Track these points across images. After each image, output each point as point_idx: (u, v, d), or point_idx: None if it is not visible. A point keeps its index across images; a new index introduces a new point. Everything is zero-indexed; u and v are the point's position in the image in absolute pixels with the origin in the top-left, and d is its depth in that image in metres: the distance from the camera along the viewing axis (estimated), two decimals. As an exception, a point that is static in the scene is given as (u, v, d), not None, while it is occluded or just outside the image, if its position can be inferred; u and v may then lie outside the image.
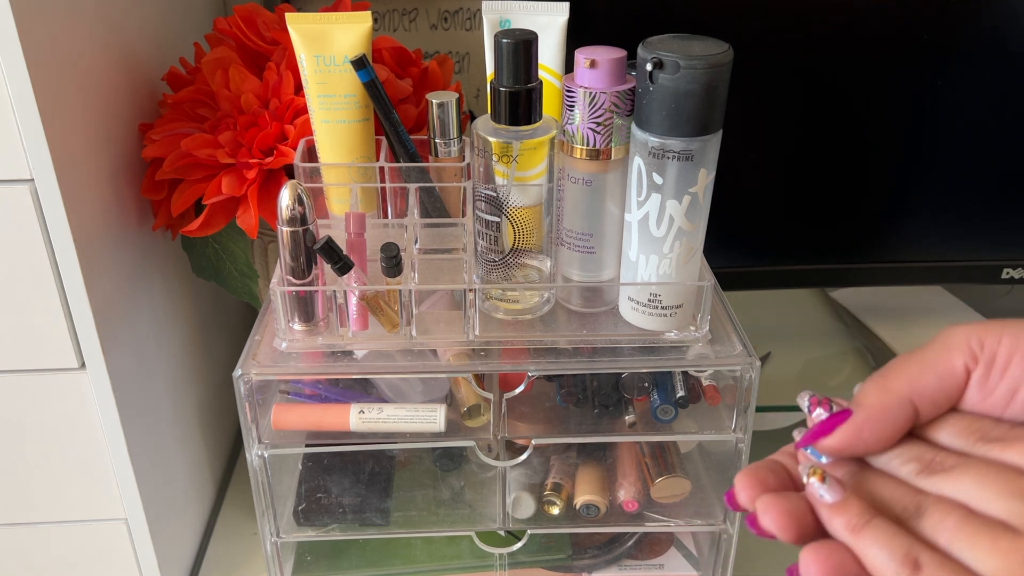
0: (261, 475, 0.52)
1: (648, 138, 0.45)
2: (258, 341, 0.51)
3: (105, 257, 0.51)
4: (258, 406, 0.51)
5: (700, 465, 0.61)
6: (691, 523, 0.58)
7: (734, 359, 0.50)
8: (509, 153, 0.46)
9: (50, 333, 0.49)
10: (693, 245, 0.48)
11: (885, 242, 0.75)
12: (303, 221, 0.47)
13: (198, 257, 0.63)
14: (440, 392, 0.54)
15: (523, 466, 0.57)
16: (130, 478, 0.55)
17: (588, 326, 0.52)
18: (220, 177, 0.54)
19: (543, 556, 0.62)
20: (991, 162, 0.70)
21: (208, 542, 0.70)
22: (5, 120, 0.43)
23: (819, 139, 0.69)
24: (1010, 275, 0.75)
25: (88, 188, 0.49)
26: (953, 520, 0.26)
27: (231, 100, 0.55)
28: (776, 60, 0.66)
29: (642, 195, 0.46)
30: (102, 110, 0.52)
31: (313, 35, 0.51)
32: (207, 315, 0.72)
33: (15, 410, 0.52)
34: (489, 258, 0.49)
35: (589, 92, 0.46)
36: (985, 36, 0.65)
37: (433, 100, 0.52)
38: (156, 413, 0.60)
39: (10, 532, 0.57)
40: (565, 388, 0.56)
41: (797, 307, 0.92)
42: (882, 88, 0.67)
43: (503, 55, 0.45)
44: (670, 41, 0.44)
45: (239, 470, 0.76)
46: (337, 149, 0.54)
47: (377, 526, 0.58)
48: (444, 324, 0.51)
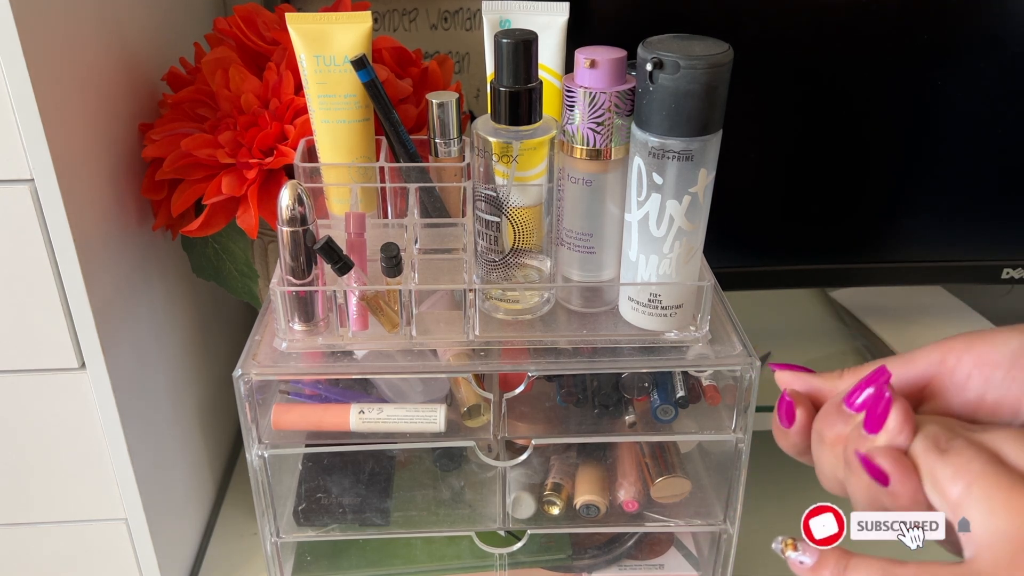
0: (261, 475, 0.52)
1: (648, 138, 0.45)
2: (258, 341, 0.51)
3: (105, 257, 0.51)
4: (258, 406, 0.51)
5: (700, 465, 0.60)
6: (691, 523, 0.58)
7: (734, 359, 0.50)
8: (509, 153, 0.46)
9: (50, 333, 0.49)
10: (693, 245, 0.48)
11: (885, 242, 0.75)
12: (303, 221, 0.47)
13: (198, 257, 0.63)
14: (440, 392, 0.54)
15: (523, 466, 0.57)
16: (130, 478, 0.55)
17: (588, 326, 0.52)
18: (220, 177, 0.54)
19: (543, 556, 0.62)
20: (991, 162, 0.70)
21: (208, 542, 0.70)
22: (5, 120, 0.43)
23: (819, 139, 0.69)
24: (1010, 275, 0.75)
25: (88, 188, 0.49)
26: (980, 464, 0.27)
27: (231, 100, 0.55)
28: (776, 60, 0.66)
29: (642, 195, 0.46)
30: (102, 110, 0.52)
31: (313, 35, 0.51)
32: (207, 315, 0.72)
33: (15, 410, 0.52)
34: (489, 258, 0.49)
35: (589, 92, 0.46)
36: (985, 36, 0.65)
37: (433, 100, 0.52)
38: (156, 413, 0.60)
39: (10, 532, 0.57)
40: (565, 388, 0.56)
41: (797, 307, 0.92)
42: (882, 88, 0.67)
43: (503, 55, 0.45)
44: (670, 41, 0.44)
45: (239, 470, 0.76)
46: (337, 149, 0.54)
47: (377, 526, 0.58)
48: (444, 324, 0.51)
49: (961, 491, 0.27)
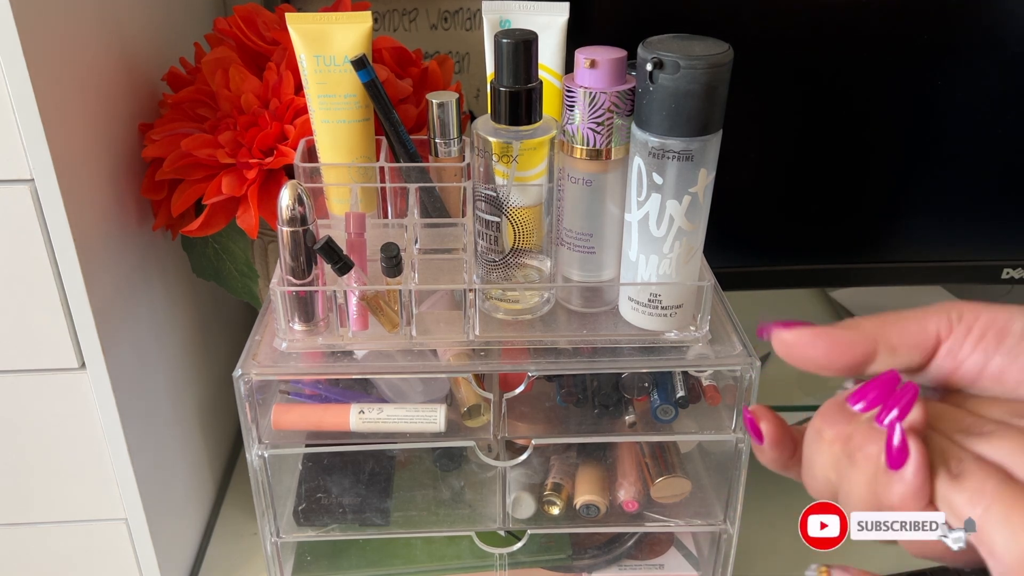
0: (261, 475, 0.52)
1: (648, 138, 0.45)
2: (258, 341, 0.51)
3: (105, 257, 0.51)
4: (258, 406, 0.51)
5: (700, 465, 0.60)
6: (691, 523, 0.58)
7: (734, 359, 0.50)
8: (509, 153, 0.46)
9: (50, 333, 0.49)
10: (693, 245, 0.48)
11: (885, 242, 0.74)
12: (303, 221, 0.47)
13: (198, 257, 0.63)
14: (440, 392, 0.54)
15: (523, 466, 0.57)
16: (130, 478, 0.55)
17: (588, 326, 0.52)
18: (220, 177, 0.54)
19: (543, 556, 0.62)
20: (991, 162, 0.70)
21: (208, 542, 0.70)
22: (5, 120, 0.43)
23: (819, 139, 0.69)
24: (1010, 275, 0.75)
25: (88, 188, 0.49)
26: (992, 484, 0.27)
27: (231, 100, 0.55)
28: (776, 60, 0.66)
29: (642, 195, 0.46)
30: (102, 110, 0.52)
31: (313, 35, 0.51)
32: (207, 315, 0.72)
33: (15, 410, 0.52)
34: (489, 258, 0.49)
35: (589, 92, 0.46)
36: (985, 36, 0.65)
37: (433, 100, 0.52)
38: (156, 413, 0.60)
39: (10, 532, 0.57)
40: (565, 388, 0.56)
41: (797, 307, 0.92)
42: (882, 87, 0.67)
43: (503, 55, 0.45)
44: (670, 41, 0.44)
45: (239, 470, 0.76)
46: (337, 149, 0.54)
47: (377, 526, 0.58)
48: (444, 324, 0.51)
49: (980, 516, 0.27)
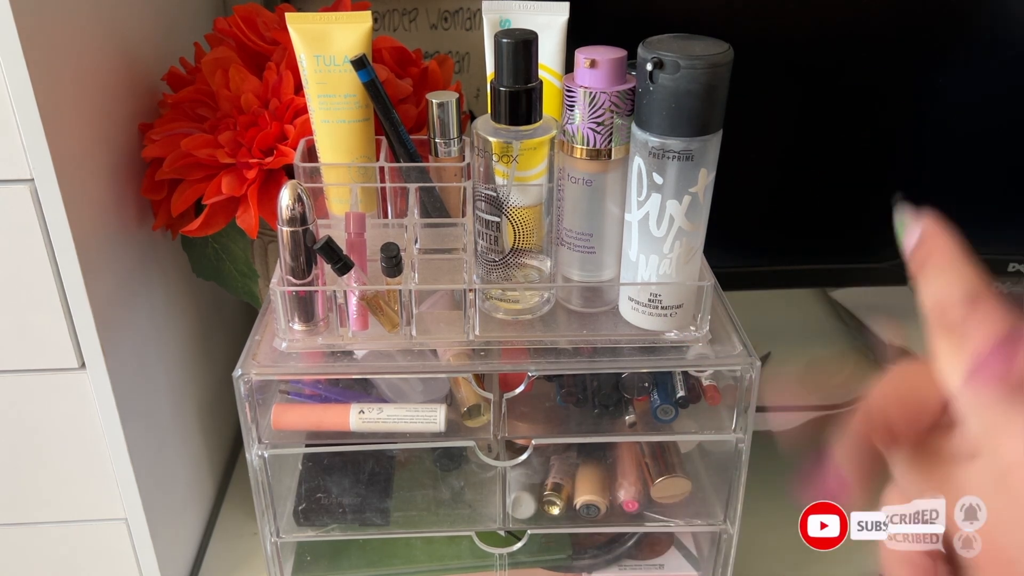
0: (261, 475, 0.52)
1: (648, 138, 0.45)
2: (258, 341, 0.51)
3: (105, 257, 0.51)
4: (258, 406, 0.51)
5: (700, 465, 0.60)
6: (691, 523, 0.58)
7: (734, 359, 0.50)
8: (509, 153, 0.46)
9: (50, 333, 0.49)
10: (693, 245, 0.48)
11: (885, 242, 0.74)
12: (303, 221, 0.47)
13: (198, 257, 0.63)
14: (440, 392, 0.54)
15: (523, 466, 0.57)
16: (130, 478, 0.55)
17: (588, 326, 0.52)
18: (220, 177, 0.54)
19: (543, 556, 0.62)
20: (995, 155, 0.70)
21: (208, 542, 0.70)
22: (5, 120, 0.43)
23: (819, 138, 0.69)
24: (1016, 268, 0.75)
25: (88, 188, 0.49)
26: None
27: (231, 100, 0.55)
28: (776, 60, 0.66)
29: (642, 195, 0.46)
30: (102, 110, 0.52)
31: (313, 35, 0.51)
32: (207, 315, 0.72)
33: (15, 410, 0.52)
34: (489, 258, 0.49)
35: (589, 92, 0.46)
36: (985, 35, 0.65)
37: (433, 100, 0.52)
38: (156, 413, 0.60)
39: (10, 532, 0.57)
40: (565, 388, 0.56)
41: (797, 307, 0.92)
42: (883, 86, 0.67)
43: (503, 55, 0.45)
44: (670, 41, 0.44)
45: (239, 470, 0.76)
46: (337, 149, 0.54)
47: (377, 526, 0.58)
48: (444, 324, 0.51)
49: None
